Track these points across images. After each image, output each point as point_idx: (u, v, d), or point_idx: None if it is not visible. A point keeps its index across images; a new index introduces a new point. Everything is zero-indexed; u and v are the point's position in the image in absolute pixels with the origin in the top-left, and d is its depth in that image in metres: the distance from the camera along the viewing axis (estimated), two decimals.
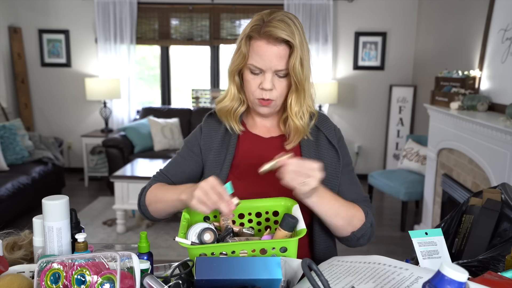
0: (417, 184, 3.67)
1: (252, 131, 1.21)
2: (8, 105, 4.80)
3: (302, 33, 1.08)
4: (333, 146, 1.18)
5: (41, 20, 4.98)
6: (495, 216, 0.98)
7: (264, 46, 1.05)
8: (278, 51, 1.05)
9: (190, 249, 0.87)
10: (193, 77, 5.50)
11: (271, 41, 1.04)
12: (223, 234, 0.95)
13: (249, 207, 1.08)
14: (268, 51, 1.05)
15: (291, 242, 0.89)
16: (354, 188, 1.18)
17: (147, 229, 3.62)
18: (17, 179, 3.67)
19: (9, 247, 1.01)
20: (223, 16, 4.96)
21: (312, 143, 1.18)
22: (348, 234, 1.09)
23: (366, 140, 5.13)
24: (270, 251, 0.89)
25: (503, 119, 2.47)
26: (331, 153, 1.17)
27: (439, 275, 0.59)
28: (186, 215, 1.02)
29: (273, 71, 1.07)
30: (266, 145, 1.19)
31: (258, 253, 0.89)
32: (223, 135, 1.20)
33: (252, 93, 1.11)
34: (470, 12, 3.46)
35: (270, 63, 1.06)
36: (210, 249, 0.87)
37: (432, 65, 4.28)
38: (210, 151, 1.19)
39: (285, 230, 0.94)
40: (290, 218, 0.94)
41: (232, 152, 1.17)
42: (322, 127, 1.20)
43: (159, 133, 4.64)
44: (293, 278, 0.89)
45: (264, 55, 1.05)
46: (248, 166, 1.16)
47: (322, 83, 4.73)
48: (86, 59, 5.08)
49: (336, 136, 1.20)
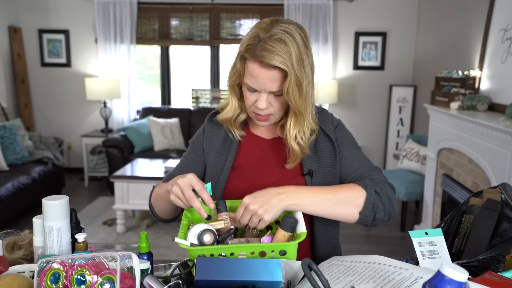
0: (417, 184, 3.67)
1: (254, 132, 1.21)
2: (8, 105, 4.80)
3: (304, 46, 1.02)
4: (329, 138, 1.16)
5: (41, 20, 4.98)
6: (495, 216, 0.98)
7: (257, 69, 1.01)
8: (271, 74, 1.00)
9: (190, 250, 0.88)
10: (193, 77, 5.50)
11: (264, 65, 0.99)
12: (224, 235, 0.94)
13: None
14: (262, 75, 1.01)
15: (290, 245, 0.89)
16: (359, 162, 1.13)
17: (147, 229, 3.62)
18: (17, 179, 3.67)
19: (9, 247, 1.01)
20: (223, 16, 4.96)
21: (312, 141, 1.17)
22: (358, 216, 1.01)
23: (366, 140, 5.13)
24: (269, 254, 0.89)
25: (503, 119, 2.47)
26: (328, 145, 1.15)
27: (439, 275, 0.59)
28: (188, 214, 1.02)
29: (267, 92, 1.05)
30: (268, 146, 1.19)
31: (257, 256, 0.89)
32: (225, 136, 1.20)
33: (249, 107, 1.11)
34: (470, 12, 3.46)
35: (264, 85, 1.03)
36: (209, 250, 0.87)
37: (432, 65, 4.28)
38: (211, 151, 1.19)
39: (285, 231, 0.93)
40: (289, 218, 0.94)
41: (234, 153, 1.18)
42: (320, 122, 1.18)
43: (159, 133, 4.64)
44: (294, 279, 0.89)
45: (258, 78, 1.02)
46: (249, 167, 1.16)
47: (322, 83, 4.73)
48: (86, 59, 5.08)
49: (332, 125, 1.18)
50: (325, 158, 1.14)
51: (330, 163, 1.14)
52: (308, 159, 1.14)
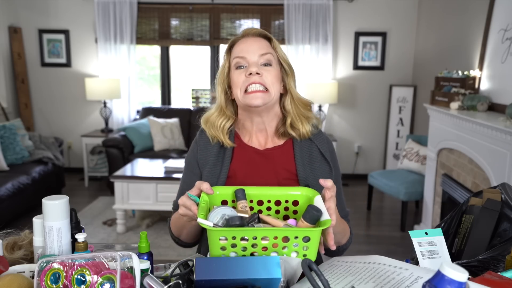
0: (417, 184, 3.67)
1: (247, 142, 1.21)
2: (8, 105, 4.80)
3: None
4: (325, 159, 1.18)
5: (41, 20, 4.98)
6: (495, 216, 0.98)
7: (243, 41, 1.13)
8: (257, 40, 1.13)
9: (211, 232, 0.85)
10: (193, 77, 5.50)
11: (249, 36, 1.13)
12: (248, 219, 0.92)
13: (269, 194, 1.05)
14: (248, 41, 1.13)
15: (315, 232, 0.87)
16: (341, 203, 1.19)
17: (147, 229, 3.62)
18: (17, 179, 3.67)
19: (9, 247, 1.01)
20: (223, 16, 4.96)
21: (306, 151, 1.19)
22: (341, 244, 1.15)
23: (366, 140, 5.13)
24: (293, 240, 0.87)
25: (503, 119, 2.47)
26: (324, 166, 1.18)
27: (439, 275, 0.59)
28: (205, 197, 0.99)
29: (258, 57, 1.11)
30: (261, 157, 1.18)
31: (280, 241, 0.86)
32: (218, 148, 1.19)
33: (240, 86, 1.11)
34: (470, 12, 3.46)
35: (251, 46, 1.11)
36: (232, 232, 0.85)
37: (432, 65, 4.28)
38: (206, 164, 1.18)
39: (308, 223, 0.91)
40: (314, 210, 0.91)
41: (228, 165, 1.16)
42: (315, 139, 1.20)
43: (159, 133, 4.64)
44: (293, 277, 0.89)
45: (244, 46, 1.12)
46: (244, 179, 1.15)
47: (322, 83, 4.74)
48: (86, 59, 5.08)
49: (328, 149, 1.21)
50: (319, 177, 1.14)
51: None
52: (304, 176, 1.15)
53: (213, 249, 0.87)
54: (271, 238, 0.86)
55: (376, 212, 4.18)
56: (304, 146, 1.19)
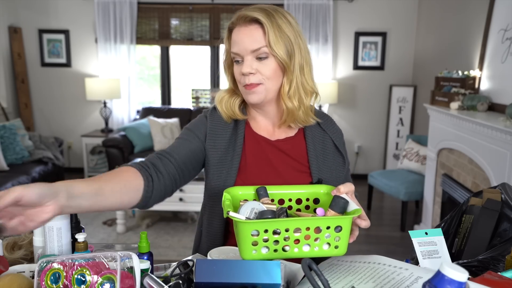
0: (417, 184, 3.67)
1: (257, 132, 1.18)
2: (8, 105, 4.80)
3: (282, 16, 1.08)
4: (339, 151, 1.19)
5: (41, 20, 4.98)
6: (495, 216, 0.98)
7: (237, 30, 1.08)
8: (249, 30, 1.07)
9: (242, 225, 0.84)
10: (193, 77, 5.50)
11: (242, 23, 1.08)
12: (278, 211, 0.92)
13: (290, 193, 1.05)
14: (241, 33, 1.07)
15: (346, 220, 0.86)
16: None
17: (147, 229, 3.62)
18: (17, 179, 3.67)
19: (9, 247, 1.01)
20: (223, 16, 4.96)
21: (319, 142, 1.17)
22: None
23: (366, 140, 5.13)
24: (325, 230, 0.86)
25: (503, 119, 2.47)
26: (338, 158, 1.19)
27: (439, 275, 0.59)
28: (228, 195, 0.98)
29: (251, 53, 1.07)
30: (272, 147, 1.16)
31: (312, 232, 0.85)
32: (229, 136, 1.15)
33: (239, 79, 1.11)
34: (470, 12, 3.46)
35: (243, 43, 1.07)
36: (264, 225, 0.84)
37: (432, 65, 4.28)
38: (215, 150, 1.14)
39: (336, 211, 0.91)
40: (341, 199, 0.91)
41: (239, 155, 1.14)
42: (328, 130, 1.19)
43: (159, 133, 4.64)
44: (293, 281, 0.89)
45: (238, 38, 1.08)
46: (255, 170, 1.14)
47: (322, 83, 4.73)
48: (86, 59, 5.08)
49: (341, 141, 1.22)
50: (332, 168, 1.16)
51: (337, 174, 1.17)
52: (317, 168, 1.14)
53: (244, 246, 0.85)
54: (304, 229, 0.85)
55: (376, 212, 4.18)
56: (316, 137, 1.17)
